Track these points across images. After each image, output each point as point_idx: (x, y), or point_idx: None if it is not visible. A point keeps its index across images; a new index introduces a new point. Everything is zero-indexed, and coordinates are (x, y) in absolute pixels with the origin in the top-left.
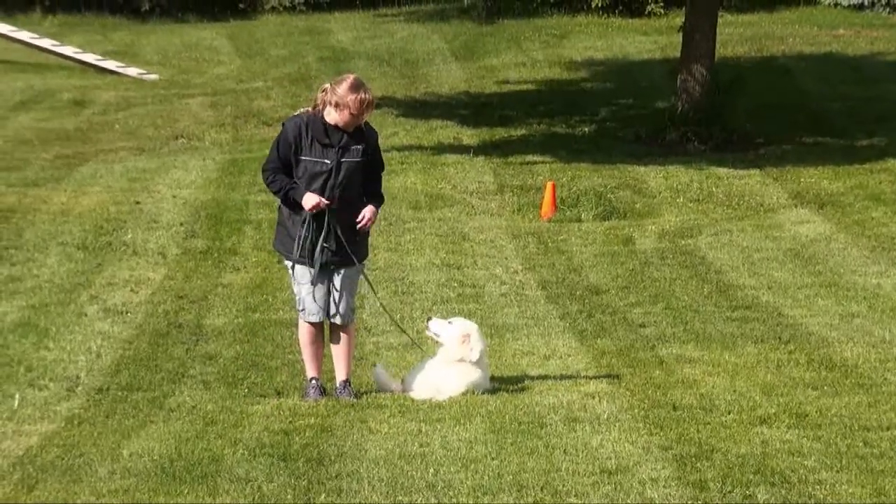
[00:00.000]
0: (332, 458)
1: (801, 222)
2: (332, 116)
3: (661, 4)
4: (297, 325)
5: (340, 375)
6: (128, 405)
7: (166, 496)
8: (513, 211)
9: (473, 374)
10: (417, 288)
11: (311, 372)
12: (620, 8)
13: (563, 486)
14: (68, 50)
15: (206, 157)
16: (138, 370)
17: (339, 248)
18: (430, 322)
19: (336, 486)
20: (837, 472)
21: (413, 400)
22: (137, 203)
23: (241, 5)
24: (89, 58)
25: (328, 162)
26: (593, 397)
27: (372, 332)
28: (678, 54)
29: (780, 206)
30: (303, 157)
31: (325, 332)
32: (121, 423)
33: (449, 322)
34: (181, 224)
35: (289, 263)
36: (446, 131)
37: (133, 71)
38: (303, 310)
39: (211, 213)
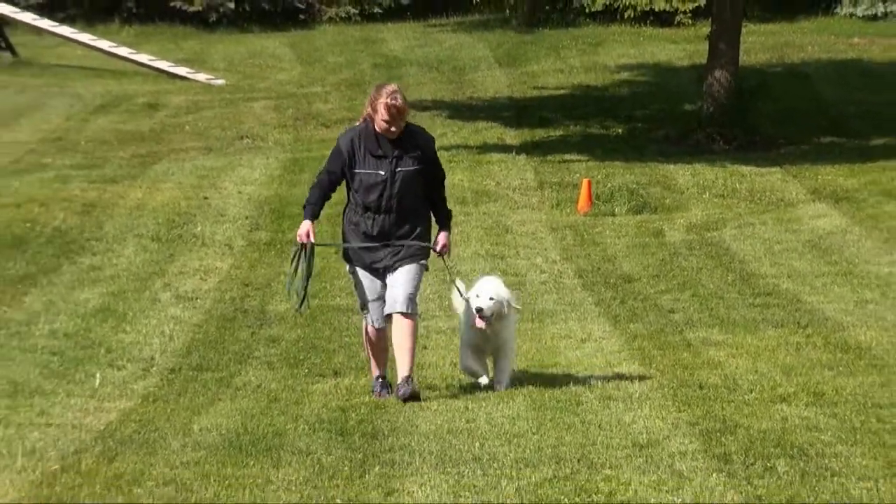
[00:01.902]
0: (386, 432)
1: (818, 216)
2: (377, 124)
3: (689, 15)
4: (362, 324)
5: (403, 371)
6: (198, 384)
7: (234, 467)
8: (552, 206)
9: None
10: (464, 277)
11: (376, 371)
12: (651, 18)
13: (598, 458)
14: (143, 57)
15: (269, 156)
16: (207, 352)
17: (402, 256)
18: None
19: (389, 458)
20: (852, 445)
21: (460, 379)
22: (206, 198)
23: (302, 16)
24: (162, 65)
25: (382, 173)
26: (626, 377)
27: (422, 316)
28: (705, 61)
29: (799, 202)
30: (357, 171)
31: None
32: (192, 401)
33: (490, 298)
34: (246, 218)
35: (348, 268)
36: (491, 132)
37: (202, 77)
38: (367, 313)
39: (274, 207)
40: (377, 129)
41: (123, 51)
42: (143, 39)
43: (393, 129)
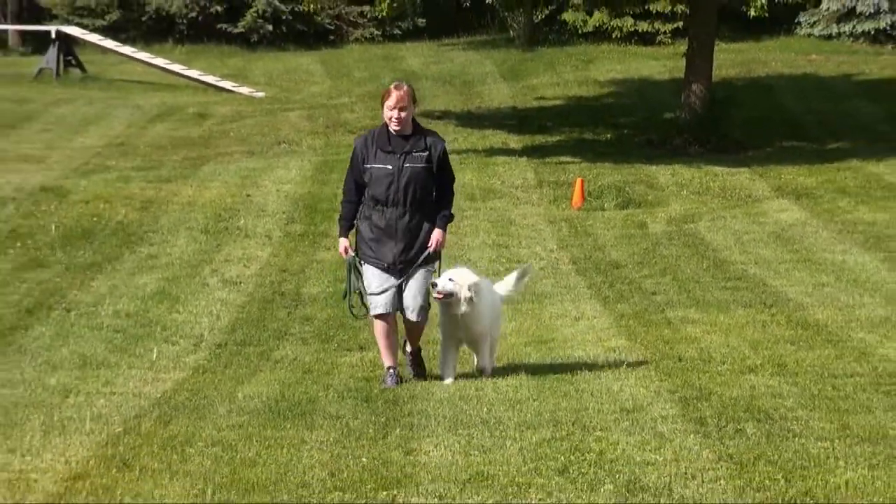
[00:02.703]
0: (406, 399)
1: (781, 210)
2: (385, 114)
3: (669, 35)
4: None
5: (410, 347)
6: (242, 357)
7: (273, 430)
8: (549, 202)
9: None
10: (473, 263)
11: (387, 361)
12: (636, 38)
13: (591, 421)
14: (194, 73)
15: (303, 159)
16: (250, 329)
17: (408, 254)
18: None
19: (409, 422)
20: (811, 410)
21: (468, 353)
22: (248, 196)
23: (331, 37)
24: (210, 79)
25: (390, 167)
26: (614, 351)
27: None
28: (682, 75)
29: (765, 198)
30: (367, 166)
31: (396, 325)
32: (236, 372)
33: (449, 279)
34: (283, 212)
35: (359, 261)
36: (496, 138)
37: (245, 90)
38: (370, 304)
39: (307, 203)
40: (386, 119)
41: (177, 67)
42: (193, 57)
43: (397, 114)
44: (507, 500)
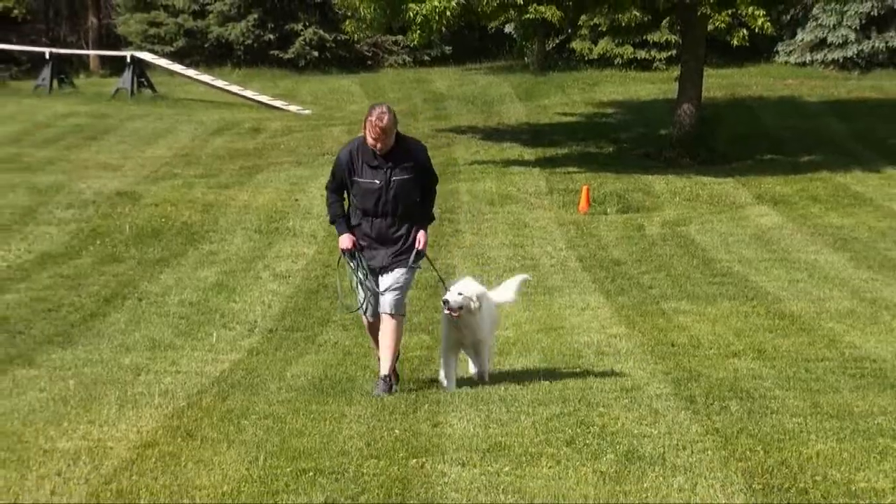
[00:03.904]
0: (432, 379)
1: (761, 215)
2: (366, 139)
3: (664, 62)
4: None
5: (383, 370)
6: (290, 341)
7: (317, 405)
8: (559, 207)
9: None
10: (493, 260)
11: (383, 371)
12: (635, 64)
13: (594, 399)
14: (249, 93)
15: None
16: (297, 317)
17: (393, 255)
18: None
19: (435, 398)
20: (786, 390)
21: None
22: (296, 200)
23: (369, 62)
24: (264, 98)
25: (377, 182)
26: (615, 337)
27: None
28: (675, 97)
29: (747, 204)
30: (355, 179)
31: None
32: (285, 354)
33: (459, 293)
34: (326, 215)
35: (351, 266)
36: (513, 151)
37: (294, 108)
38: (364, 310)
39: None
40: (369, 142)
41: (234, 88)
42: (248, 79)
43: (378, 145)
44: (521, 467)
